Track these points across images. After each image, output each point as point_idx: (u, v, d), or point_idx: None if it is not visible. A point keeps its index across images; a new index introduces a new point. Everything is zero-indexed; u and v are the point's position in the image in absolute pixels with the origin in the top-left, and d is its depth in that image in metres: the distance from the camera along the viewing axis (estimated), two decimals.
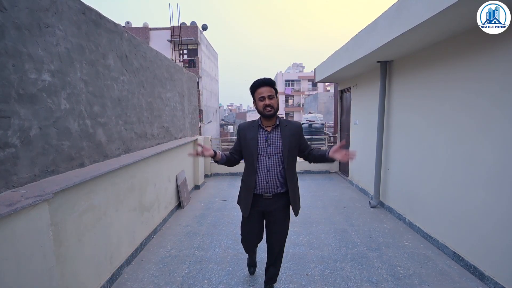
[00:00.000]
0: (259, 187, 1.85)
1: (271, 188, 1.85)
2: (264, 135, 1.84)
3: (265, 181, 1.83)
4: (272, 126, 1.86)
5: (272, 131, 1.85)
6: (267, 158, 1.82)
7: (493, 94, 2.26)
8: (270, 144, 1.82)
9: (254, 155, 1.82)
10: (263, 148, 1.83)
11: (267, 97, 1.77)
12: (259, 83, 1.79)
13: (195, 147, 1.79)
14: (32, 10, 1.67)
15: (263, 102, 1.77)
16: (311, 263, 2.70)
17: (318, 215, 3.98)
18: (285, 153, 1.81)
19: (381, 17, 3.06)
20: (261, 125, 1.87)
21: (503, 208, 2.17)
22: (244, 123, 1.97)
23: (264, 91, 1.78)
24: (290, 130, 1.85)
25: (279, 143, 1.82)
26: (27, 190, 1.55)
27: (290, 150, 1.82)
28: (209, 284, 2.38)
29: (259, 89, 1.79)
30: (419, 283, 2.34)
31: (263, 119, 1.85)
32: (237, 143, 1.98)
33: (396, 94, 3.87)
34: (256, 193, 1.88)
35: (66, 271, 1.81)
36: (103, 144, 2.44)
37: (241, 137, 1.92)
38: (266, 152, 1.82)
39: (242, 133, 1.91)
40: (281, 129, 1.85)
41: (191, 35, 18.26)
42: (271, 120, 1.84)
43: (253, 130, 1.87)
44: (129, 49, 2.91)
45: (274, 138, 1.83)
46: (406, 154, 3.62)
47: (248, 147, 1.85)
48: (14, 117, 1.54)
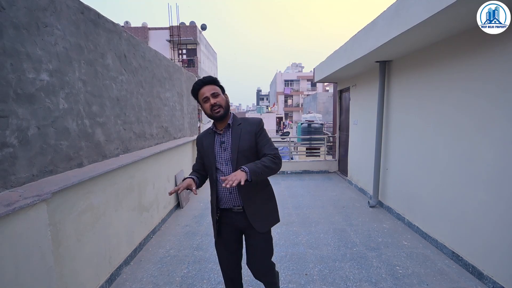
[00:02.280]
0: (223, 200, 1.60)
1: (235, 199, 1.58)
2: (218, 140, 1.62)
3: (228, 191, 1.57)
4: (224, 127, 1.63)
5: (225, 133, 1.62)
6: (225, 165, 1.58)
7: (492, 94, 2.27)
8: (224, 148, 1.60)
9: (212, 164, 1.60)
10: (218, 153, 1.60)
11: (211, 96, 1.54)
12: (199, 83, 1.57)
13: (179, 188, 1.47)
14: (30, 10, 1.66)
15: (208, 103, 1.54)
16: (310, 262, 2.70)
17: (317, 214, 3.98)
18: (234, 156, 1.56)
19: (380, 16, 3.07)
20: (215, 129, 1.65)
21: (502, 208, 2.17)
22: (201, 133, 1.75)
23: (206, 91, 1.55)
24: (243, 129, 1.61)
25: (230, 146, 1.60)
26: (25, 190, 1.55)
27: (241, 152, 1.57)
28: (208, 284, 2.38)
29: (201, 90, 1.56)
30: (418, 282, 2.35)
31: (216, 122, 1.64)
32: (198, 155, 1.75)
33: (395, 94, 3.88)
34: (222, 207, 1.62)
35: (65, 271, 1.81)
36: (102, 144, 2.43)
37: (199, 147, 1.71)
38: (222, 158, 1.59)
39: (200, 143, 1.70)
40: (232, 129, 1.62)
41: (190, 35, 18.24)
42: (224, 122, 1.62)
43: (209, 137, 1.65)
44: (128, 49, 2.91)
45: (227, 142, 1.60)
46: (405, 154, 3.62)
47: (207, 157, 1.64)
48: (12, 116, 1.54)
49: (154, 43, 17.43)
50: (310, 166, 6.87)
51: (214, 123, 1.65)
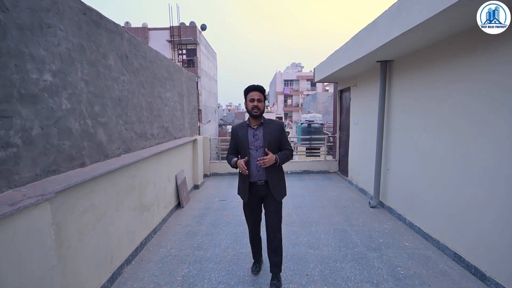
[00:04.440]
0: (252, 175, 2.21)
1: (261, 175, 2.21)
2: (252, 132, 2.23)
3: (256, 170, 2.20)
4: (258, 124, 2.24)
5: (258, 128, 2.24)
6: (255, 151, 2.21)
7: (493, 96, 2.27)
8: (256, 139, 2.22)
9: (246, 149, 2.20)
10: (251, 142, 2.22)
11: (256, 100, 2.17)
12: (252, 88, 2.20)
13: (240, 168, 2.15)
14: (33, 11, 1.67)
15: (253, 104, 2.17)
16: (311, 263, 2.71)
17: (318, 215, 3.98)
18: (265, 145, 2.18)
19: (381, 16, 3.07)
20: (249, 124, 2.26)
21: (503, 208, 2.17)
22: (236, 125, 2.38)
23: (254, 95, 2.18)
24: (271, 128, 2.23)
25: (261, 138, 2.20)
26: (28, 189, 1.55)
27: (270, 144, 2.19)
28: (209, 284, 2.39)
29: (251, 92, 2.19)
30: (420, 283, 2.35)
31: (251, 118, 2.25)
32: (232, 142, 2.36)
33: (396, 93, 3.89)
34: (250, 181, 2.23)
35: (67, 270, 1.81)
36: (104, 144, 2.44)
37: (234, 135, 2.31)
38: (254, 146, 2.21)
39: (235, 132, 2.31)
40: (263, 126, 2.23)
41: (190, 35, 18.25)
42: (257, 120, 2.24)
43: (243, 129, 2.26)
44: (129, 49, 2.91)
45: (259, 134, 2.22)
46: (406, 154, 3.63)
47: (241, 143, 2.24)
48: (16, 117, 1.55)
49: (154, 44, 17.43)
50: (310, 166, 6.87)
51: (249, 119, 2.27)
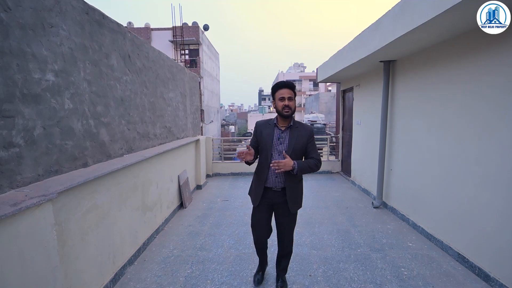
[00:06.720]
0: (269, 180, 2.02)
1: (280, 182, 2.01)
2: (278, 134, 2.00)
3: (274, 175, 2.00)
4: (286, 126, 2.00)
5: (285, 130, 2.00)
6: (278, 155, 1.98)
7: (496, 97, 2.24)
8: (281, 142, 1.98)
9: (268, 150, 1.98)
10: (275, 145, 1.99)
11: (287, 98, 1.92)
12: (281, 84, 1.95)
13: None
14: (36, 10, 1.67)
15: (283, 103, 1.91)
16: (314, 263, 2.69)
17: (321, 215, 3.96)
18: (289, 152, 1.94)
19: (385, 16, 3.05)
20: (277, 124, 2.02)
21: (507, 209, 2.15)
22: (261, 121, 2.13)
23: (284, 92, 1.92)
24: (299, 132, 1.99)
25: (287, 143, 1.97)
26: (31, 190, 1.55)
27: (294, 150, 1.95)
28: (212, 284, 2.38)
29: (281, 90, 1.94)
30: (424, 284, 2.33)
31: (280, 118, 2.00)
32: (253, 139, 2.12)
33: (399, 93, 3.85)
34: (266, 186, 2.03)
35: (69, 271, 1.81)
36: (106, 144, 2.44)
37: (257, 133, 2.08)
38: (277, 149, 1.98)
39: (259, 129, 2.07)
40: (292, 130, 1.99)
41: (193, 35, 18.27)
42: (287, 121, 1.99)
43: (269, 128, 2.03)
44: (132, 49, 2.91)
45: (285, 137, 1.99)
46: (409, 155, 3.60)
47: (265, 144, 2.00)
48: (18, 116, 1.54)
49: (156, 44, 17.48)
50: None
51: (277, 118, 2.02)
